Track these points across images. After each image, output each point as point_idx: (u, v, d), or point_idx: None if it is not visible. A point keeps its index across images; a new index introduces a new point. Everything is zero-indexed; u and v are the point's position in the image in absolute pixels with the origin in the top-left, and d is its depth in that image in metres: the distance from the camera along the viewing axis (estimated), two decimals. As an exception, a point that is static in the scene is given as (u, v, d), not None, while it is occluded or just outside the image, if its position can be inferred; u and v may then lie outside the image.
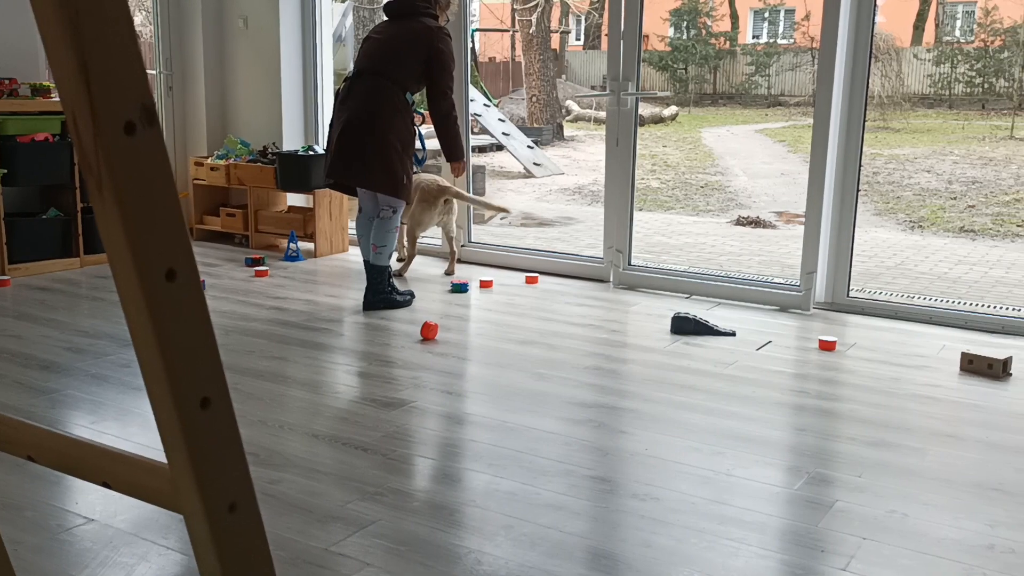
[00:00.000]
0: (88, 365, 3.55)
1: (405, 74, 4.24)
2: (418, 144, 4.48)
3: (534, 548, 2.21)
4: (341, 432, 2.93)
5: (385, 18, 4.48)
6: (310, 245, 5.73)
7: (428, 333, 3.95)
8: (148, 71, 7.53)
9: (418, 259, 5.66)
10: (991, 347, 3.84)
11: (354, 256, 5.72)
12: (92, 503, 2.40)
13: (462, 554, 2.18)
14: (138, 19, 17.97)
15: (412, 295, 4.58)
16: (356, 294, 4.77)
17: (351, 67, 4.68)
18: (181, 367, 0.66)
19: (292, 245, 5.56)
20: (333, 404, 3.20)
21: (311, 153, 5.61)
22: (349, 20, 12.41)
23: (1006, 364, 3.57)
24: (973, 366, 3.60)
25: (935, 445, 2.90)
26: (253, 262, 5.36)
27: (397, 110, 4.22)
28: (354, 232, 4.72)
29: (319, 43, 6.05)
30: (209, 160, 6.00)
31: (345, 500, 2.45)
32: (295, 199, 6.04)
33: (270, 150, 5.88)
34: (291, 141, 6.04)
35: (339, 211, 5.76)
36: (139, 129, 0.65)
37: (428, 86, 4.31)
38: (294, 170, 5.58)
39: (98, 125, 0.63)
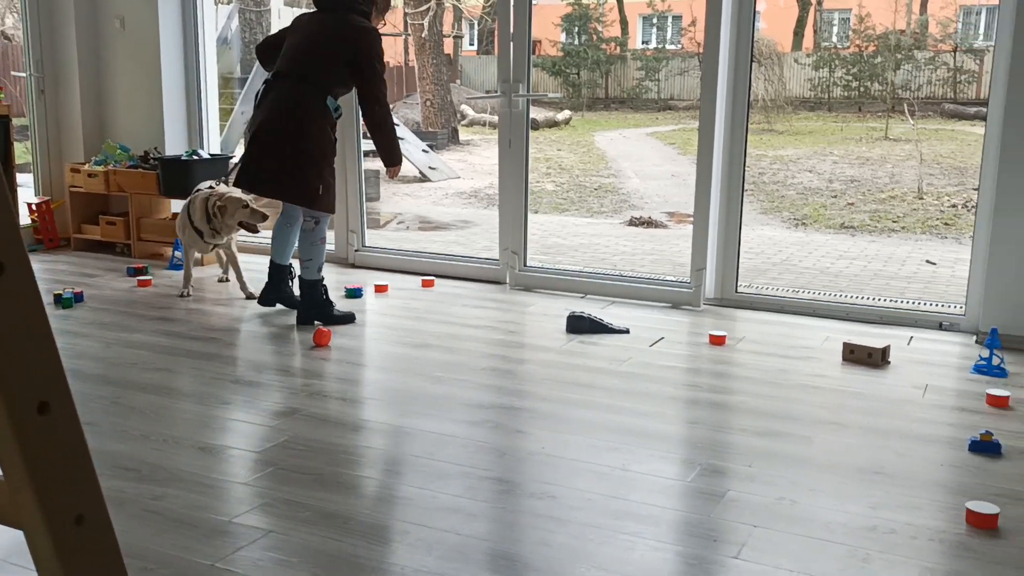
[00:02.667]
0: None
1: (328, 78, 3.95)
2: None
3: (431, 553, 2.18)
4: (230, 443, 2.83)
5: (312, 9, 4.13)
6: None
7: (320, 339, 3.87)
8: (17, 73, 7.15)
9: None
10: (870, 337, 3.99)
11: (244, 263, 5.55)
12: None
13: (357, 563, 2.13)
14: (10, 21, 17.12)
15: (352, 317, 4.27)
16: (245, 302, 4.64)
17: (237, 70, 4.53)
18: (14, 369, 0.60)
19: (177, 253, 5.36)
20: (222, 415, 3.09)
21: (195, 158, 5.43)
22: (235, 22, 12.06)
23: (884, 352, 3.72)
24: (854, 355, 3.74)
25: (821, 432, 2.99)
26: (136, 272, 5.15)
27: (315, 116, 3.94)
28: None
29: (201, 45, 5.86)
30: (87, 166, 5.74)
31: (233, 513, 2.36)
32: (180, 205, 5.82)
33: (152, 155, 5.66)
34: (174, 146, 5.83)
35: (227, 217, 5.58)
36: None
37: (359, 92, 4.01)
38: (178, 175, 5.39)
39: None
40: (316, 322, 4.15)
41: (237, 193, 4.47)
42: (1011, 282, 3.92)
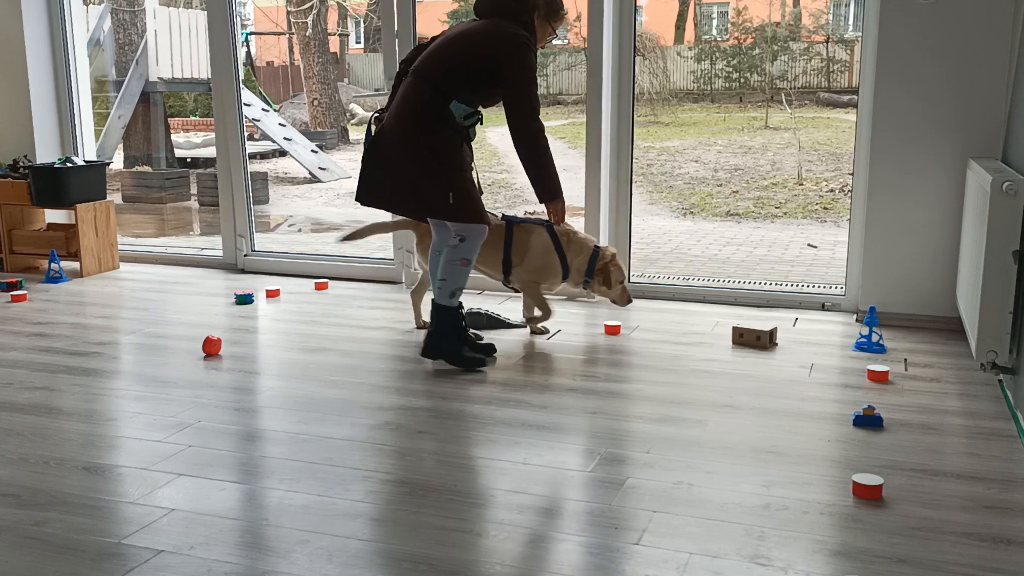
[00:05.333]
0: None
1: (453, 79, 3.40)
2: None
3: (332, 560, 2.13)
4: (117, 462, 2.71)
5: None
6: (75, 264, 5.30)
7: (210, 349, 3.75)
8: None
9: (194, 271, 5.38)
10: (758, 320, 4.12)
11: (127, 273, 5.35)
12: None
13: (255, 576, 2.07)
14: None
15: (492, 350, 3.70)
16: (131, 313, 4.46)
17: (112, 73, 4.23)
18: None
19: (54, 265, 5.12)
20: (108, 433, 2.96)
21: (69, 165, 5.19)
22: (107, 23, 11.62)
23: (772, 335, 3.85)
24: (744, 339, 3.85)
25: (714, 416, 3.06)
26: (9, 286, 4.88)
27: (433, 120, 3.40)
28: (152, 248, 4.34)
29: (71, 47, 5.60)
30: (-50, 177, 5.41)
31: (122, 534, 2.26)
32: (55, 215, 5.57)
33: (21, 163, 5.38)
34: (45, 153, 5.55)
35: (106, 226, 5.36)
36: None
37: (505, 104, 3.46)
38: (50, 184, 5.14)
39: None
40: (441, 359, 3.59)
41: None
42: (886, 262, 4.10)
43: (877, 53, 3.97)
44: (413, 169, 3.44)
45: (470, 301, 4.54)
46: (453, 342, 3.56)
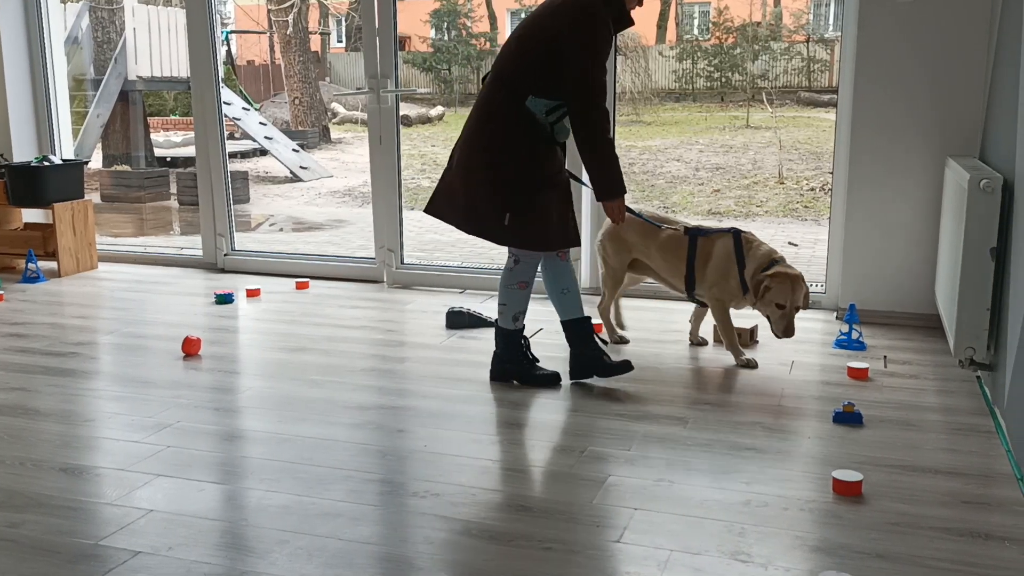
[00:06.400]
0: None
1: (524, 72, 3.05)
2: None
3: (311, 560, 2.12)
4: (95, 463, 2.69)
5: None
6: (53, 264, 5.25)
7: (190, 348, 3.72)
8: None
9: (174, 271, 5.34)
10: (739, 318, 4.12)
11: (105, 273, 5.31)
12: None
13: (235, 577, 2.05)
14: None
15: (556, 380, 3.37)
16: (110, 313, 4.42)
17: (91, 71, 4.11)
18: None
19: (31, 265, 5.07)
20: (86, 434, 2.93)
21: (46, 164, 5.14)
22: (85, 21, 11.52)
23: (752, 332, 3.86)
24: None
25: (695, 413, 3.07)
26: (-15, 287, 4.84)
27: (507, 125, 3.07)
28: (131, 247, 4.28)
29: (48, 45, 5.55)
30: (-75, 176, 5.35)
31: (100, 535, 2.24)
32: (32, 215, 5.52)
33: (-2, 162, 5.33)
34: (22, 152, 5.50)
35: (84, 226, 5.32)
36: None
37: (561, 88, 3.04)
38: (27, 183, 5.09)
39: None
40: (514, 381, 3.39)
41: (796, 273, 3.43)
42: (866, 259, 4.12)
43: (856, 52, 3.99)
44: (473, 182, 3.15)
45: (452, 300, 4.54)
46: (522, 364, 3.38)
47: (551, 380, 3.36)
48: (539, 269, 3.35)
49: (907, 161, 3.99)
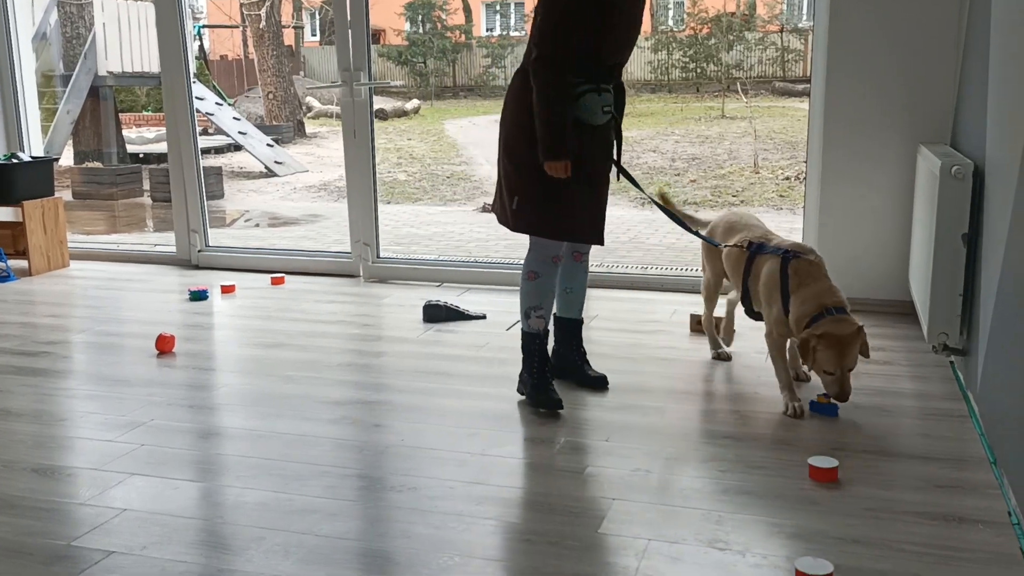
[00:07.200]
0: None
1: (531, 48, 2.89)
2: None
3: (288, 557, 2.11)
4: (68, 463, 2.66)
5: None
6: (23, 263, 5.18)
7: (163, 346, 3.68)
8: None
9: (147, 268, 5.28)
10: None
11: (77, 271, 5.24)
12: None
13: (210, 575, 2.03)
14: None
15: (559, 404, 3.01)
16: (82, 311, 4.37)
17: (60, 67, 4.01)
18: None
19: (1, 264, 5.00)
20: (59, 434, 2.89)
21: (15, 161, 5.06)
22: (54, 16, 11.36)
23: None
24: (701, 327, 3.87)
25: (673, 403, 3.08)
26: (-45, 287, 4.77)
27: (524, 106, 2.88)
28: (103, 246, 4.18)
29: (14, 40, 5.47)
30: None
31: (73, 536, 2.21)
32: (1, 213, 5.43)
33: (-35, 160, 5.24)
34: (-9, 149, 5.42)
35: (55, 223, 5.25)
36: None
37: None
38: (-4, 181, 5.02)
39: None
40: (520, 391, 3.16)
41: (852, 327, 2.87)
42: (840, 247, 4.14)
43: (828, 42, 4.00)
44: (499, 167, 3.03)
45: (429, 294, 4.52)
46: (533, 374, 3.06)
47: (554, 404, 3.03)
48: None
49: (880, 149, 4.01)
